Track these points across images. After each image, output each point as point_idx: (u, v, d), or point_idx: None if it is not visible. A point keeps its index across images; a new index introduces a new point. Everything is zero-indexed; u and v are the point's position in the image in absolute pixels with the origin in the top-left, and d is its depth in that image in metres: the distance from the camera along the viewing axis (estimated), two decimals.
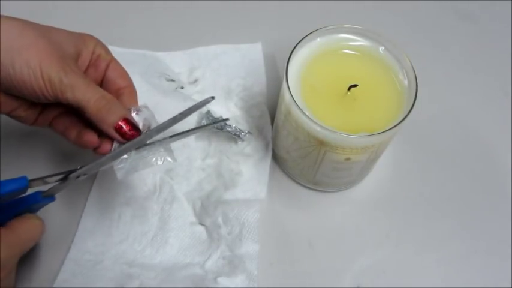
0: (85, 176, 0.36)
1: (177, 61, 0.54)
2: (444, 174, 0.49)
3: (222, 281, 0.41)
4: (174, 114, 0.47)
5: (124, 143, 0.36)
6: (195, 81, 0.53)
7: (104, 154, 0.36)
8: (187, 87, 0.52)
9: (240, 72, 0.53)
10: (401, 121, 0.37)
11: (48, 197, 0.36)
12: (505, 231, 0.46)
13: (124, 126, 0.35)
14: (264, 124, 0.50)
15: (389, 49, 0.42)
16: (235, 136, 0.47)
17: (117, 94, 0.38)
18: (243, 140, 0.48)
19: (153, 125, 0.37)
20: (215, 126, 0.47)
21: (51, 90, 0.33)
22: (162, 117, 0.46)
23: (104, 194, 0.45)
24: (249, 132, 0.48)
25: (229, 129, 0.47)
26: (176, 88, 0.51)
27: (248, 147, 0.48)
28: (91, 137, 0.36)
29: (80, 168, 0.36)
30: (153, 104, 0.45)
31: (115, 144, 0.36)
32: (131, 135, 0.35)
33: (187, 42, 0.55)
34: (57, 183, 0.36)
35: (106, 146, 0.36)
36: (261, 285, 0.42)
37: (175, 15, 0.59)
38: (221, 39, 0.56)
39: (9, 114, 0.36)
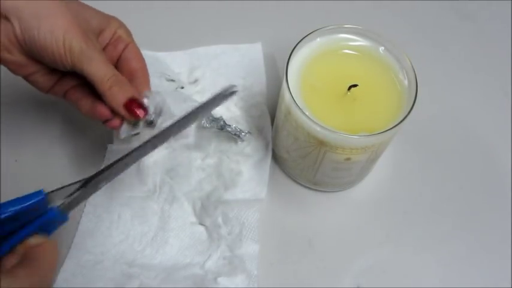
0: (105, 183, 0.34)
1: (177, 61, 0.54)
2: (444, 174, 0.49)
3: (222, 281, 0.41)
4: (174, 114, 0.47)
5: (132, 123, 0.38)
6: (195, 81, 0.53)
7: (113, 128, 0.38)
8: (187, 87, 0.52)
9: (240, 72, 0.53)
10: (401, 121, 0.37)
11: (64, 212, 0.33)
12: (505, 231, 0.46)
13: (132, 105, 0.37)
14: (264, 124, 0.50)
15: (389, 49, 0.42)
16: (235, 136, 0.47)
17: (130, 75, 0.39)
18: (243, 140, 0.48)
19: (165, 111, 0.38)
20: (215, 126, 0.47)
21: (70, 58, 0.35)
22: (162, 117, 0.46)
23: (104, 194, 0.45)
24: (249, 132, 0.48)
25: (229, 129, 0.47)
26: (176, 88, 0.51)
27: (248, 147, 0.48)
28: (103, 110, 0.38)
29: (101, 172, 0.34)
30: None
31: (124, 125, 0.38)
32: (139, 114, 0.37)
33: (187, 42, 0.55)
34: (75, 193, 0.33)
35: (116, 121, 0.38)
36: (261, 285, 0.42)
37: (175, 15, 0.59)
38: (221, 39, 0.56)
39: (27, 78, 0.38)
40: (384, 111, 0.40)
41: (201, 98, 0.51)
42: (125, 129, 0.38)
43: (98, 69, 0.36)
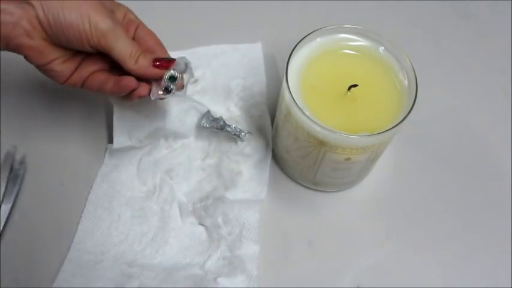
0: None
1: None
2: (444, 174, 0.49)
3: (222, 281, 0.41)
4: (174, 114, 0.47)
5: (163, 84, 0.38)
6: (195, 81, 0.53)
7: (141, 97, 0.39)
8: (187, 87, 0.52)
9: (240, 72, 0.53)
10: (401, 121, 0.37)
11: None
12: (505, 231, 0.46)
13: (158, 61, 0.38)
14: (264, 124, 0.50)
15: (389, 49, 0.42)
16: (235, 136, 0.47)
17: (149, 52, 0.39)
18: (243, 140, 0.48)
19: (188, 71, 0.39)
20: (215, 126, 0.47)
21: (96, 36, 0.35)
22: (161, 117, 0.46)
23: (104, 194, 0.45)
24: (249, 132, 0.48)
25: (229, 129, 0.47)
26: None
27: (248, 147, 0.48)
28: (129, 80, 0.38)
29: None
30: (153, 104, 0.45)
31: (153, 88, 0.39)
32: (167, 65, 0.38)
33: (187, 42, 0.55)
34: None
35: (143, 88, 0.39)
36: (261, 285, 0.42)
37: (175, 15, 0.59)
38: (221, 39, 0.56)
39: (44, 66, 0.37)
40: (384, 111, 0.40)
41: (201, 98, 0.51)
42: (154, 92, 0.39)
43: (124, 46, 0.36)
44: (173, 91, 0.38)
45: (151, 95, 0.39)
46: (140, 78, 0.38)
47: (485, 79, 0.57)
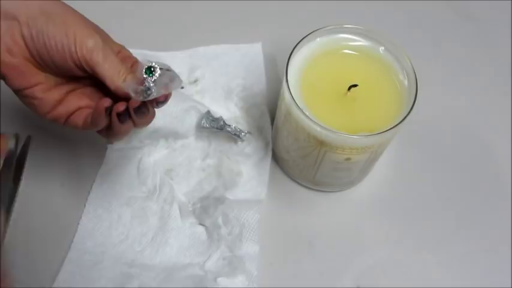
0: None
1: (177, 61, 0.54)
2: (444, 174, 0.49)
3: (222, 281, 0.41)
4: (174, 114, 0.47)
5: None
6: (195, 81, 0.53)
7: (119, 113, 0.34)
8: (187, 87, 0.52)
9: (240, 72, 0.53)
10: (401, 121, 0.37)
11: None
12: (505, 231, 0.46)
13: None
14: (264, 124, 0.50)
15: (389, 49, 0.42)
16: (235, 136, 0.47)
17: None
18: (243, 140, 0.48)
19: (174, 81, 0.36)
20: (215, 126, 0.47)
21: (81, 54, 0.33)
22: (161, 117, 0.46)
23: (104, 194, 0.45)
24: (249, 132, 0.48)
25: (229, 129, 0.47)
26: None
27: (248, 147, 0.48)
28: (104, 100, 0.34)
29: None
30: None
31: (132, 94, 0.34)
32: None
33: (187, 42, 0.55)
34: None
35: (121, 104, 0.34)
36: (261, 285, 0.42)
37: (175, 15, 0.59)
38: (221, 39, 0.56)
39: (25, 92, 0.34)
40: (384, 111, 0.40)
41: (201, 98, 0.51)
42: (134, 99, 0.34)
43: (113, 64, 0.34)
44: (153, 92, 0.34)
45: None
46: (121, 98, 0.34)
47: (485, 79, 0.57)
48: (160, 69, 0.34)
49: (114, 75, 0.34)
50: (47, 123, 0.49)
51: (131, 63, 0.38)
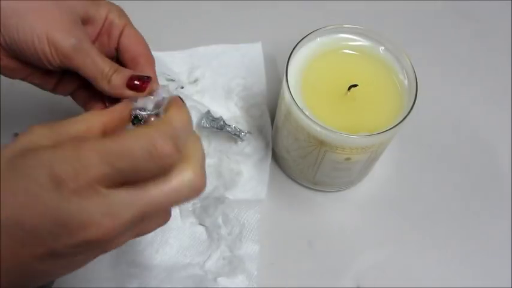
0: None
1: (177, 61, 0.54)
2: (444, 174, 0.49)
3: (222, 281, 0.41)
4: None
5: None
6: (195, 81, 0.53)
7: None
8: (187, 87, 0.52)
9: (240, 72, 0.53)
10: (401, 121, 0.37)
11: None
12: (504, 232, 0.46)
13: (133, 80, 0.32)
14: (264, 124, 0.50)
15: (389, 49, 0.42)
16: (235, 136, 0.47)
17: (134, 63, 0.35)
18: (243, 140, 0.48)
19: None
20: (215, 126, 0.47)
21: (58, 57, 0.31)
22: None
23: None
24: (249, 132, 0.48)
25: (229, 129, 0.47)
26: (176, 88, 0.51)
27: (248, 147, 0.48)
28: (97, 106, 0.35)
29: None
30: None
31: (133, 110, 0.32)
32: (143, 85, 0.32)
33: (187, 42, 0.55)
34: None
35: None
36: (261, 285, 0.42)
37: (175, 15, 0.59)
38: (221, 39, 0.56)
39: (24, 80, 0.35)
40: (384, 111, 0.40)
41: (201, 98, 0.51)
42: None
43: (94, 65, 0.32)
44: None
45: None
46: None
47: (485, 79, 0.57)
48: (149, 114, 0.32)
49: (98, 78, 0.32)
50: (47, 123, 0.49)
51: (119, 30, 0.35)
